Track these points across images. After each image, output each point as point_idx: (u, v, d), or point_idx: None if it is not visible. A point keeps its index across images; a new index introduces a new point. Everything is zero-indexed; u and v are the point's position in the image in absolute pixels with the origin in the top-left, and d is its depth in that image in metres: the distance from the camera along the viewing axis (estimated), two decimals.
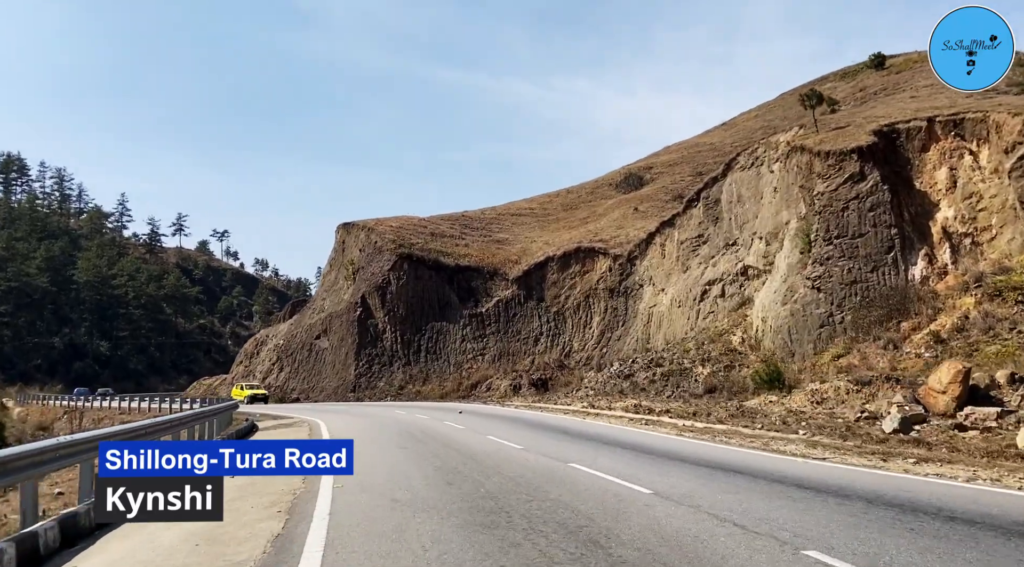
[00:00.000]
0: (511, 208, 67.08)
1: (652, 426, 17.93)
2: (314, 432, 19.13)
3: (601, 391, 28.82)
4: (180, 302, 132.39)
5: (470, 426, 19.69)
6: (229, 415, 24.22)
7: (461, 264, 51.57)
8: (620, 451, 13.22)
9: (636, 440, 15.25)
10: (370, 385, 48.62)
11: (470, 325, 49.45)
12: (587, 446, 14.30)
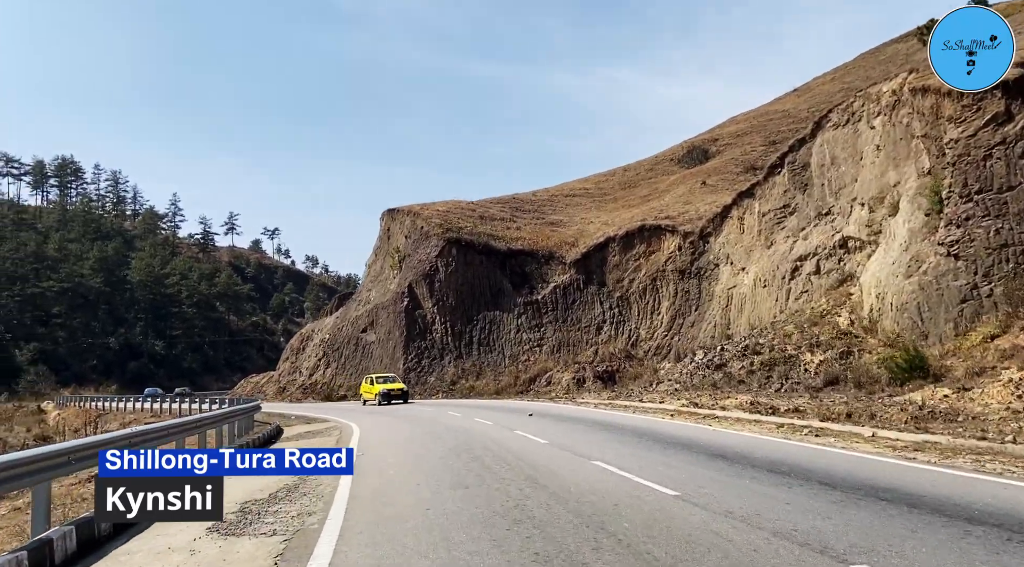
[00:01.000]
0: (564, 189, 62.74)
1: (834, 440, 11.58)
2: (340, 444, 15.26)
3: (688, 384, 24.43)
4: (232, 300, 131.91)
5: (554, 439, 14.05)
6: (250, 418, 20.75)
7: (513, 248, 47.52)
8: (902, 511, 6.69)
9: (870, 474, 8.67)
10: (420, 380, 45.00)
11: (525, 314, 45.39)
12: (824, 497, 7.44)
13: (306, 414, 28.25)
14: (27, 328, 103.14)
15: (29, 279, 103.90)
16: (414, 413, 25.73)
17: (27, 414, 44.30)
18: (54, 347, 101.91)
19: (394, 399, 35.24)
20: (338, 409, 32.57)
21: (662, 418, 17.27)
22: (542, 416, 20.49)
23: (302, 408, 37.29)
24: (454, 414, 22.89)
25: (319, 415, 27.25)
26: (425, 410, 27.46)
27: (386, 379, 38.36)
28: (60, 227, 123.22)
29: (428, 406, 30.89)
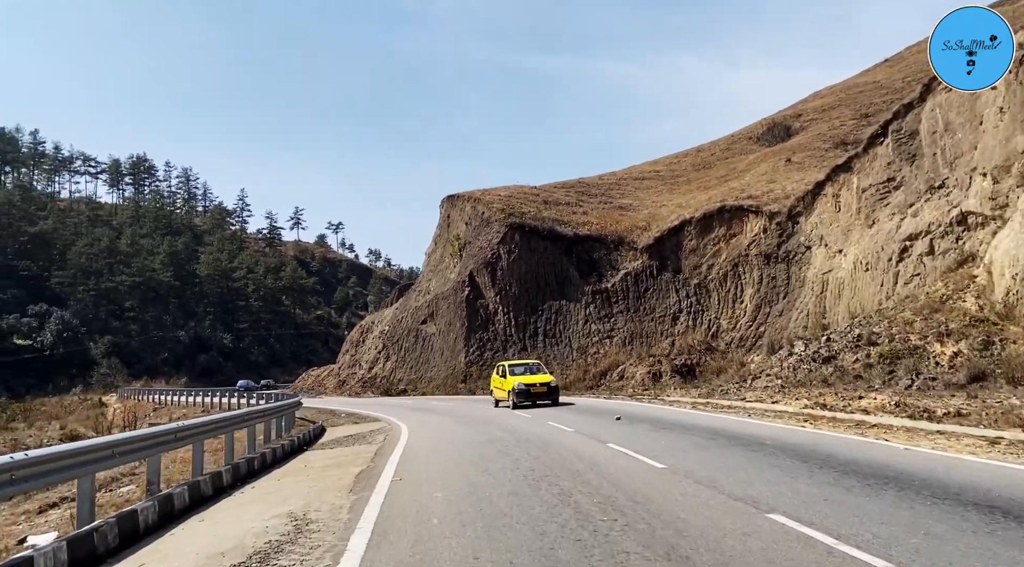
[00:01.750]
0: (632, 172, 59.28)
1: None
2: (379, 457, 12.34)
3: (791, 380, 21.02)
4: (297, 294, 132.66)
5: (677, 463, 9.63)
6: (291, 415, 18.56)
7: (580, 233, 44.46)
8: None
9: None
10: (482, 374, 42.43)
11: (594, 303, 42.31)
12: None
13: (358, 412, 26.00)
14: (102, 322, 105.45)
15: (103, 274, 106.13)
16: (478, 412, 23.05)
17: (90, 407, 43.84)
18: (127, 340, 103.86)
19: (538, 399, 24.10)
20: (395, 406, 30.13)
21: (794, 425, 13.44)
22: (633, 420, 16.93)
23: (359, 404, 35.16)
24: (522, 415, 20.07)
25: (371, 413, 24.98)
26: (491, 409, 24.68)
27: (526, 368, 26.77)
28: (133, 223, 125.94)
29: (491, 404, 28.19)
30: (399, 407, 29.13)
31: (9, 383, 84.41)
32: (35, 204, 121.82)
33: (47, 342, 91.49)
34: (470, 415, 21.19)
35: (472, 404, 28.62)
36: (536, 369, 27.01)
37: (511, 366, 26.96)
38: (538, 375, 25.93)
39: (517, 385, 24.40)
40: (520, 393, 24.06)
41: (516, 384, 24.47)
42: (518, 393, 24.03)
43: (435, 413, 23.11)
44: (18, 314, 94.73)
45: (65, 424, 31.70)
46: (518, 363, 28.54)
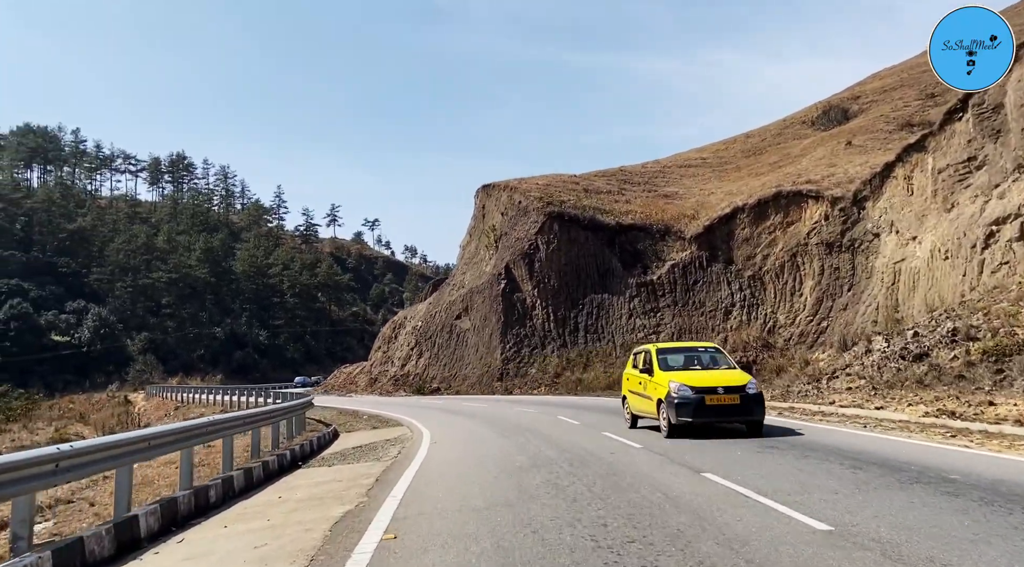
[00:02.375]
0: (677, 160, 56.34)
1: None
2: (381, 486, 9.18)
3: (877, 381, 18.19)
4: (333, 290, 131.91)
5: (835, 514, 6.19)
6: (300, 417, 16.41)
7: (623, 223, 41.79)
8: None
9: None
10: (519, 372, 40.13)
11: (638, 296, 39.64)
12: None
13: (382, 414, 23.83)
14: (139, 319, 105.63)
15: (140, 270, 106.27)
16: (514, 416, 20.63)
17: (117, 404, 42.66)
18: (163, 337, 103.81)
19: (723, 419, 13.18)
20: (424, 408, 27.68)
21: (941, 443, 10.19)
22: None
23: (387, 404, 33.06)
24: (570, 422, 17.29)
25: (396, 415, 22.79)
26: (526, 412, 22.17)
27: (693, 356, 15.31)
28: (170, 220, 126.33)
29: (533, 405, 25.66)
30: (428, 409, 26.87)
31: (47, 380, 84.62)
32: (74, 201, 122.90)
33: (84, 339, 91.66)
34: (505, 420, 18.81)
35: (508, 406, 26.17)
36: (713, 358, 15.11)
37: (662, 352, 14.98)
38: (719, 371, 14.05)
39: (678, 390, 12.92)
40: (685, 405, 12.73)
41: (676, 387, 12.98)
42: (681, 405, 12.75)
43: (466, 417, 20.78)
44: (56, 311, 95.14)
45: (63, 426, 30.13)
46: (676, 347, 17.01)
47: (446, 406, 28.00)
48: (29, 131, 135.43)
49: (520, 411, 22.56)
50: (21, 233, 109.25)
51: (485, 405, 27.13)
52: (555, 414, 19.72)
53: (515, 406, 25.40)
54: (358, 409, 26.67)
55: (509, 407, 25.14)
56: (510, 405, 26.40)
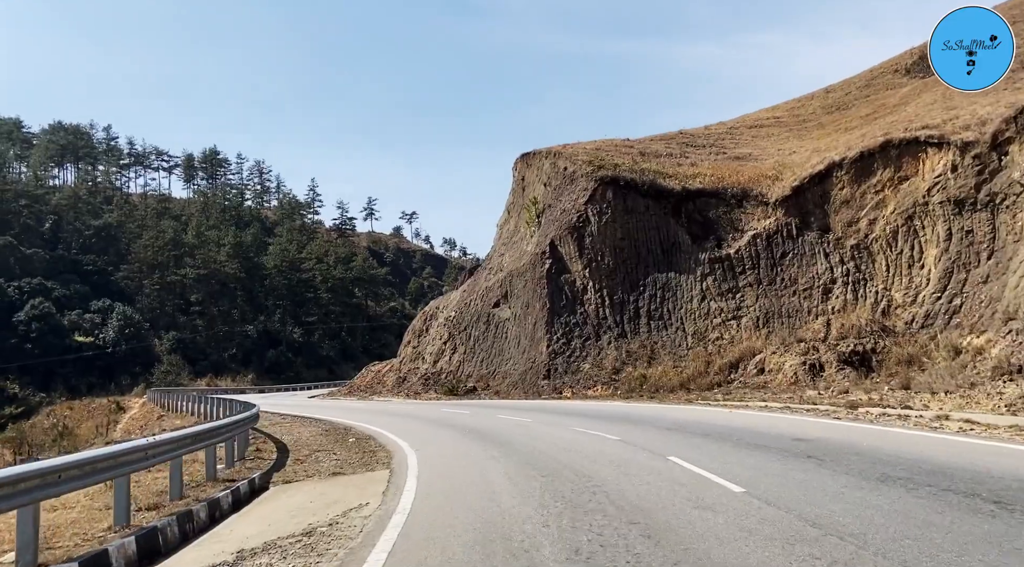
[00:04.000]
0: (746, 121, 49.08)
1: None
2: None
3: None
4: (369, 284, 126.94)
5: None
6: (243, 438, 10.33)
7: (690, 187, 34.86)
8: None
9: None
10: (569, 368, 33.53)
11: (712, 274, 32.72)
12: None
13: (380, 433, 17.29)
14: (168, 317, 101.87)
15: (168, 267, 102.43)
16: (559, 442, 14.14)
17: (108, 413, 37.51)
18: (193, 336, 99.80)
19: None
20: (444, 426, 19.59)
21: None
22: (877, 466, 8.46)
23: (403, 414, 26.74)
24: (650, 464, 10.37)
25: (395, 438, 16.19)
26: (578, 434, 14.95)
27: None
28: (199, 214, 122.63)
29: (597, 420, 18.08)
30: (447, 426, 19.27)
31: (71, 382, 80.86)
32: (102, 198, 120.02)
33: (109, 339, 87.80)
34: (526, 441, 12.67)
35: (558, 420, 19.32)
36: None
37: None
38: None
39: None
40: None
41: None
42: None
43: (497, 445, 13.66)
44: (80, 310, 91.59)
45: None
46: None
47: (475, 420, 20.68)
48: (60, 128, 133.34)
49: (561, 425, 16.24)
50: (49, 233, 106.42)
51: (528, 419, 19.64)
52: (633, 443, 12.97)
53: (565, 420, 18.54)
54: (353, 424, 20.28)
55: (559, 423, 18.02)
56: (561, 419, 19.17)
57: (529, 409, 24.18)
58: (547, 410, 23.11)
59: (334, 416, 24.68)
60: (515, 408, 25.42)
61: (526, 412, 22.43)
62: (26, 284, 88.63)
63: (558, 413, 21.56)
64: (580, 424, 17.02)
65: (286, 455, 13.81)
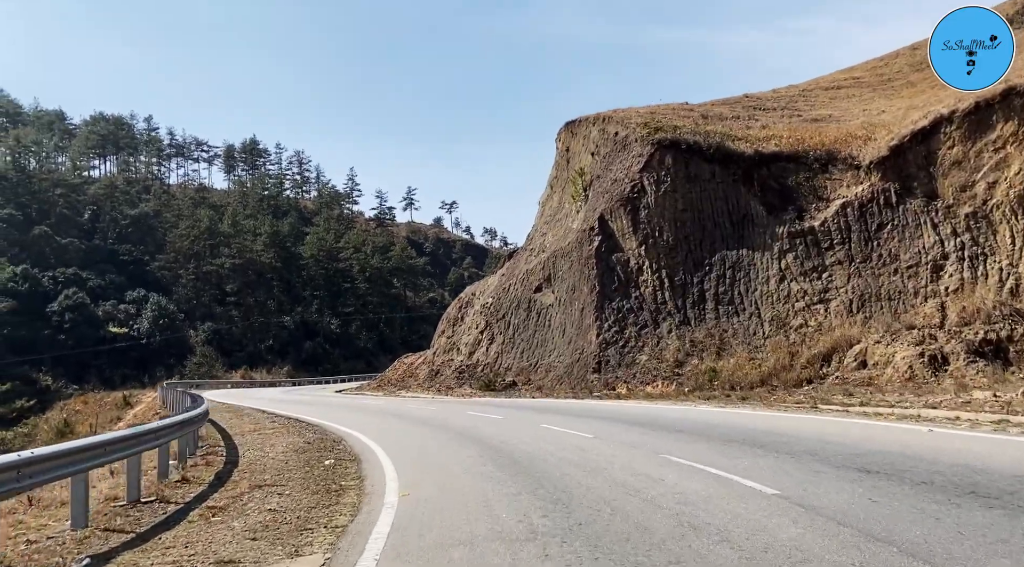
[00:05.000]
0: (820, 83, 43.70)
1: None
2: None
3: None
4: (407, 275, 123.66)
5: None
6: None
7: (764, 150, 29.94)
8: None
9: None
10: (623, 360, 28.95)
11: (792, 250, 27.80)
12: None
13: (372, 448, 13.07)
14: (205, 308, 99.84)
15: (204, 256, 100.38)
16: (630, 471, 9.55)
17: (116, 407, 34.37)
18: (228, 327, 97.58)
19: None
20: (468, 441, 14.12)
21: None
22: None
23: (421, 415, 22.57)
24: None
25: (382, 458, 11.91)
26: (689, 476, 9.20)
27: None
28: (236, 203, 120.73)
29: (668, 434, 13.24)
30: (472, 442, 13.70)
31: (105, 374, 79.01)
32: (140, 187, 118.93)
33: (143, 330, 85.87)
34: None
35: (639, 436, 13.51)
36: None
37: None
38: None
39: None
40: None
41: None
42: None
43: (550, 496, 8.01)
44: (115, 301, 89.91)
45: None
46: None
47: (508, 439, 13.81)
48: (101, 119, 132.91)
49: (685, 477, 9.94)
50: (88, 223, 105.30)
51: (586, 432, 13.77)
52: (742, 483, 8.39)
53: (641, 438, 13.19)
54: (348, 434, 15.58)
55: (637, 443, 12.37)
56: (634, 434, 13.38)
57: (581, 413, 19.11)
58: (606, 416, 17.94)
59: (339, 419, 20.51)
60: (563, 411, 20.74)
61: (578, 419, 17.11)
62: (60, 274, 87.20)
63: (623, 421, 16.15)
64: (669, 445, 11.68)
65: (219, 486, 9.72)
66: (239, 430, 18.40)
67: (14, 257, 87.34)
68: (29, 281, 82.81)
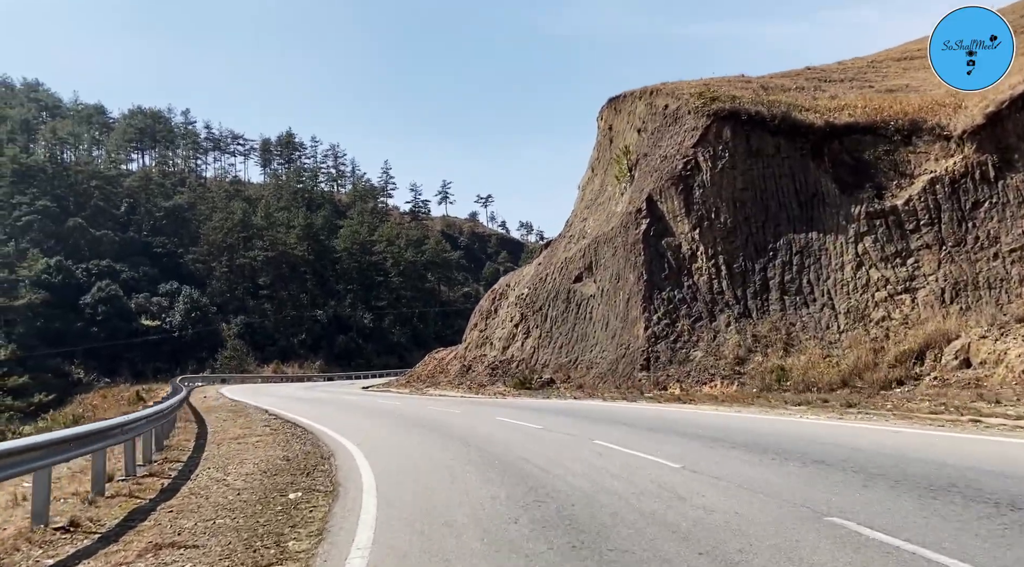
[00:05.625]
0: (889, 54, 39.92)
1: None
2: None
3: None
4: (442, 268, 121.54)
5: None
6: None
7: (837, 122, 26.52)
8: None
9: None
10: (675, 357, 25.83)
11: (871, 233, 24.39)
12: None
13: (360, 468, 9.94)
14: (238, 301, 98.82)
15: (237, 249, 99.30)
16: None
17: (128, 402, 32.50)
18: (261, 321, 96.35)
19: None
20: (493, 465, 10.66)
21: None
22: None
23: (440, 420, 19.64)
24: None
25: (367, 482, 9.08)
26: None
27: None
28: (272, 196, 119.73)
29: (792, 466, 8.65)
30: (506, 469, 9.88)
31: (137, 367, 78.15)
32: (175, 180, 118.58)
33: (175, 323, 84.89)
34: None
35: (744, 466, 9.08)
36: None
37: None
38: None
39: None
40: None
41: None
42: None
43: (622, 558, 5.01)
44: (148, 293, 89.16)
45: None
46: None
47: (543, 459, 10.30)
48: (139, 112, 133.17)
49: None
50: (124, 216, 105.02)
51: (669, 460, 9.53)
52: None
53: (752, 470, 9.28)
54: (340, 448, 12.58)
55: (751, 482, 7.72)
56: (725, 458, 9.51)
57: (639, 423, 15.11)
58: (677, 429, 13.64)
59: (344, 424, 17.54)
60: (616, 419, 16.69)
61: (642, 433, 13.23)
62: (94, 266, 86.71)
63: (706, 437, 11.97)
64: (849, 498, 7.04)
65: (112, 540, 6.95)
66: (222, 437, 15.88)
67: (49, 249, 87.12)
68: (63, 273, 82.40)
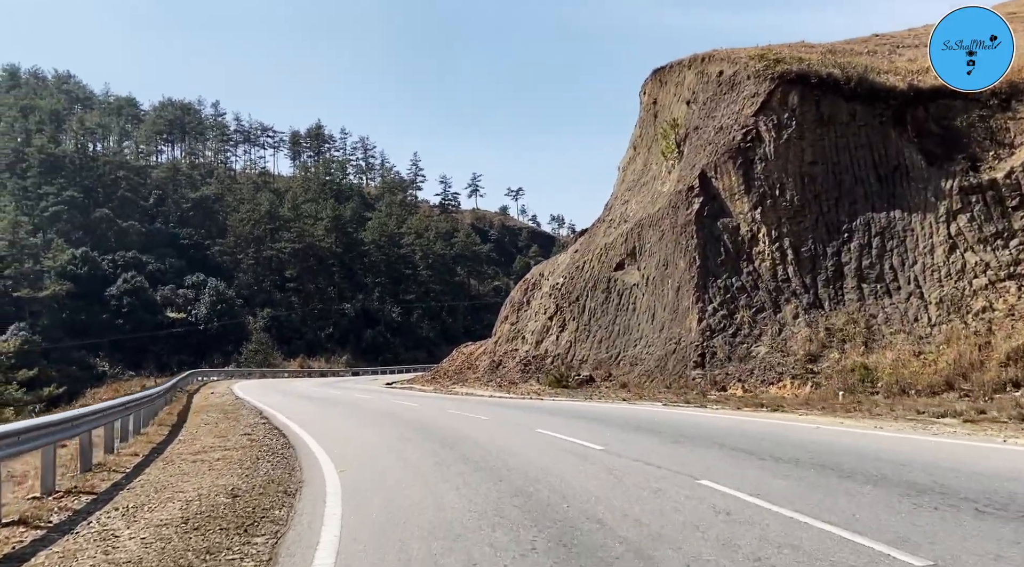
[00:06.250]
0: None
1: None
2: None
3: None
4: (471, 262, 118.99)
5: None
6: None
7: (922, 85, 23.13)
8: None
9: None
10: (735, 352, 22.69)
11: (965, 211, 21.01)
12: None
13: (330, 494, 7.24)
14: (265, 294, 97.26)
15: (264, 240, 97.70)
16: None
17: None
18: (288, 314, 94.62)
19: None
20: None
21: None
22: None
23: (457, 429, 16.31)
24: None
25: (330, 533, 6.11)
26: None
27: None
28: (300, 188, 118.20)
29: None
30: (563, 538, 5.56)
31: (163, 359, 76.73)
32: (205, 171, 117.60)
33: (201, 315, 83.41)
34: None
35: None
36: None
37: None
38: None
39: None
40: None
41: None
42: None
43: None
44: (174, 285, 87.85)
45: None
46: None
47: (611, 508, 6.38)
48: (169, 104, 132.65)
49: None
50: (152, 208, 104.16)
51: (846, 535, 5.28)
52: None
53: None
54: (323, 470, 9.38)
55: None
56: (895, 513, 5.68)
57: (752, 448, 10.20)
58: (824, 461, 8.89)
59: (343, 434, 14.35)
60: (704, 434, 12.11)
61: (764, 463, 8.87)
62: (120, 257, 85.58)
63: (839, 472, 8.15)
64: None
65: None
66: (184, 448, 13.23)
67: (75, 240, 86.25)
68: (88, 264, 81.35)
